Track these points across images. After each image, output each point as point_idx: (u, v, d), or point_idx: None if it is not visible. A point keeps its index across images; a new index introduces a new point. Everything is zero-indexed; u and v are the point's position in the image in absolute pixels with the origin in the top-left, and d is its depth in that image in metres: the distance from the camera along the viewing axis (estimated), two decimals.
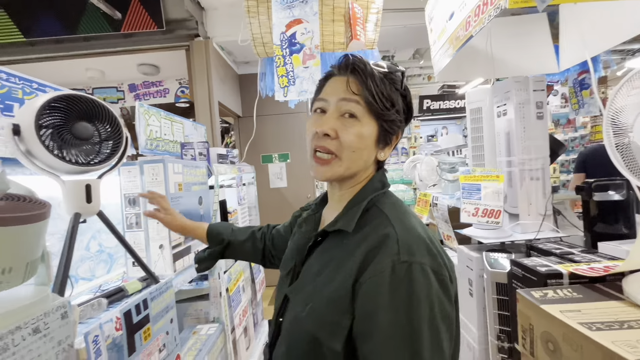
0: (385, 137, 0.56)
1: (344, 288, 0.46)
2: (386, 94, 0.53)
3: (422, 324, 0.41)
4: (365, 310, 0.44)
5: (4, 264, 0.52)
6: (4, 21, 2.47)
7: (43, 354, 0.55)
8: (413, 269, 0.43)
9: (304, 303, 0.50)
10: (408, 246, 0.45)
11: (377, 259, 0.45)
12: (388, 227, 0.48)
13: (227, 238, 0.87)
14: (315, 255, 0.56)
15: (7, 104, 0.92)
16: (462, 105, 4.57)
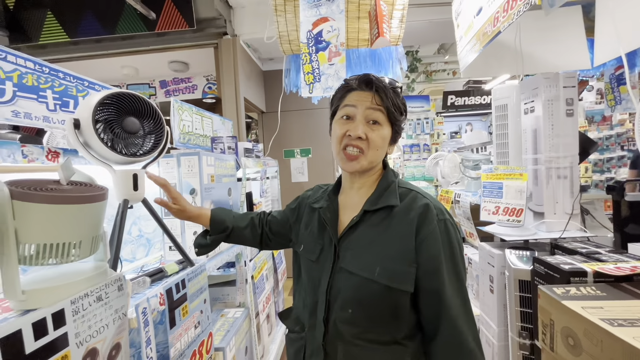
0: (395, 138, 0.73)
1: (408, 246, 0.64)
2: (398, 105, 0.71)
3: (458, 256, 0.65)
4: (431, 255, 0.63)
5: (76, 238, 0.60)
6: (51, 23, 2.66)
7: (104, 318, 0.63)
8: (447, 224, 0.65)
9: (371, 267, 0.64)
10: (440, 210, 0.66)
11: (428, 220, 0.64)
12: (424, 199, 0.67)
13: (231, 225, 0.94)
14: (359, 232, 0.69)
15: (64, 100, 1.02)
16: (488, 101, 4.43)
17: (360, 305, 0.65)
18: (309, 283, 0.73)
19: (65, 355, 0.54)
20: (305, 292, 0.75)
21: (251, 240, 0.97)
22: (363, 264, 0.66)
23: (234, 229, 0.95)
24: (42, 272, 0.65)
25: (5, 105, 0.85)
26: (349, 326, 0.65)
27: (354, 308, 0.65)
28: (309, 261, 0.75)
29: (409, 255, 0.64)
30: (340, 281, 0.68)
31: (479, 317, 1.49)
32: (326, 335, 0.68)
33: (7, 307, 0.59)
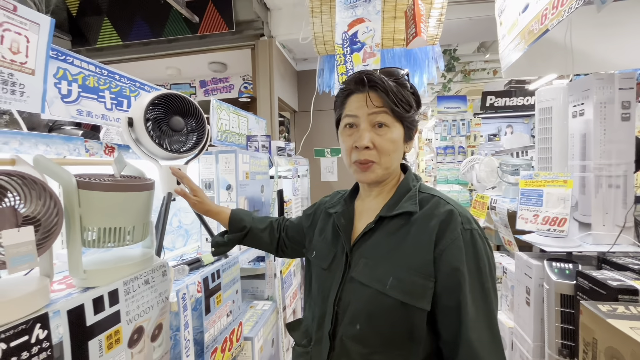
0: (409, 134, 0.66)
1: (427, 255, 0.56)
2: (404, 99, 0.63)
3: (486, 272, 0.56)
4: (451, 268, 0.55)
5: (130, 223, 0.67)
6: (107, 28, 2.92)
7: (149, 301, 0.69)
8: (473, 234, 0.57)
9: (383, 279, 0.58)
10: (466, 218, 0.58)
11: (450, 228, 0.56)
12: (447, 205, 0.60)
13: (249, 225, 0.91)
14: (375, 239, 0.63)
15: (119, 100, 1.12)
16: (532, 102, 4.15)
17: (370, 321, 0.58)
18: (319, 293, 0.68)
19: (117, 330, 0.60)
20: (315, 303, 0.69)
21: (268, 244, 0.93)
22: (376, 274, 0.59)
23: (251, 230, 0.91)
24: (99, 255, 0.73)
25: (71, 105, 0.95)
26: (357, 344, 0.58)
27: (363, 324, 0.58)
28: (320, 269, 0.70)
29: (426, 268, 0.56)
30: (351, 292, 0.62)
31: (512, 330, 1.42)
32: (332, 352, 0.62)
33: (71, 283, 0.67)
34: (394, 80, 0.63)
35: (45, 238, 0.55)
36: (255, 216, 0.96)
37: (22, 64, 0.77)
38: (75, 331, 0.53)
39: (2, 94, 0.72)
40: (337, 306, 0.62)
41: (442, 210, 0.59)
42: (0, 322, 0.46)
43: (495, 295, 0.57)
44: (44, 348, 0.48)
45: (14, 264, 0.50)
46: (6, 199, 0.51)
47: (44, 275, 0.59)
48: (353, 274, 0.62)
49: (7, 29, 0.73)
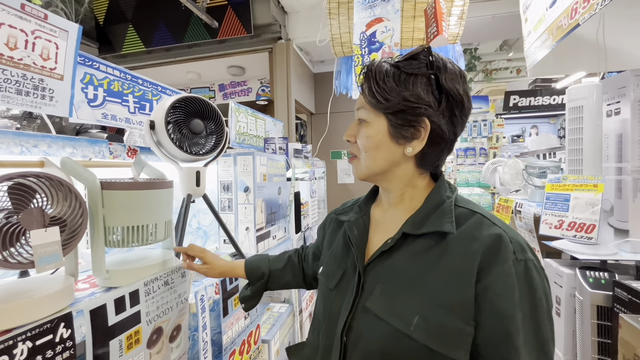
0: (400, 131, 0.51)
1: (466, 291, 0.44)
2: (386, 87, 0.50)
3: (544, 319, 0.44)
4: (499, 311, 0.43)
5: (152, 221, 0.67)
6: (131, 35, 3.03)
7: (169, 301, 0.70)
8: (529, 267, 0.44)
9: (406, 315, 0.46)
10: (518, 244, 0.46)
11: (499, 258, 0.44)
12: (493, 226, 0.47)
13: (266, 270, 0.81)
14: (396, 261, 0.51)
15: (142, 104, 1.15)
16: (559, 101, 3.97)
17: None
18: (324, 317, 0.57)
19: (137, 331, 0.61)
20: (320, 328, 0.58)
21: (294, 281, 0.82)
22: (396, 308, 0.47)
23: (271, 274, 0.81)
24: (121, 255, 0.75)
25: (97, 108, 0.98)
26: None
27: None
28: (326, 288, 0.59)
29: (464, 307, 0.44)
30: (363, 324, 0.50)
31: None
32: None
33: (94, 282, 0.69)
34: (394, 62, 0.52)
35: (71, 238, 0.56)
36: (271, 257, 0.86)
37: (51, 70, 0.80)
38: (97, 331, 0.53)
39: (33, 98, 0.75)
40: (345, 337, 0.51)
41: (488, 233, 0.46)
42: (27, 321, 0.47)
43: (553, 344, 0.44)
44: (67, 347, 0.49)
45: (42, 264, 0.51)
46: (34, 199, 0.53)
47: (69, 274, 0.61)
48: (368, 303, 0.50)
49: (38, 37, 0.76)
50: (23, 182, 0.52)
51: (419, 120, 0.50)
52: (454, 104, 0.50)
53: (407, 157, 0.53)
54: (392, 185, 0.56)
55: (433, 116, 0.50)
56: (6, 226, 0.49)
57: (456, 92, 0.50)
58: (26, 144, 0.68)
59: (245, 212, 1.23)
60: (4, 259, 0.49)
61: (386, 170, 0.55)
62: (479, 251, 0.45)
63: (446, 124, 0.51)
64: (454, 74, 0.50)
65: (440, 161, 0.55)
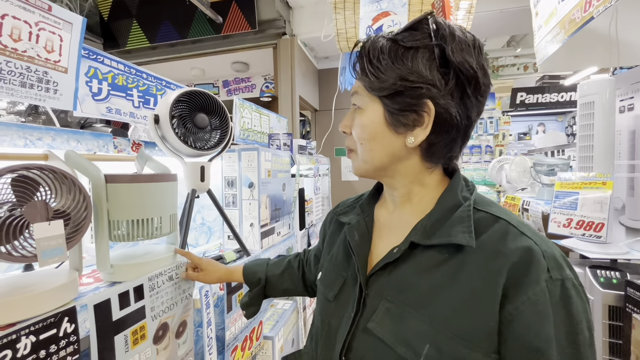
0: (398, 118, 0.43)
1: (486, 319, 0.37)
2: (381, 65, 0.42)
3: (586, 350, 0.36)
4: (528, 344, 0.35)
5: (156, 214, 0.67)
6: (136, 30, 3.02)
7: (173, 297, 0.69)
8: (567, 287, 0.36)
9: (414, 343, 0.39)
10: (555, 260, 0.37)
11: (530, 278, 0.36)
12: (522, 236, 0.39)
13: (263, 275, 0.76)
14: (402, 275, 0.44)
15: (146, 98, 1.14)
16: (567, 98, 3.91)
17: None
18: (322, 330, 0.50)
19: (143, 326, 0.60)
20: (318, 339, 0.51)
21: (294, 287, 0.76)
22: (403, 333, 0.40)
23: (268, 280, 0.76)
24: (125, 250, 0.74)
25: (102, 102, 0.98)
26: None
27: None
28: (324, 298, 0.52)
29: (485, 338, 0.37)
30: (365, 348, 0.43)
31: None
32: None
33: (98, 277, 0.68)
34: (392, 36, 0.43)
35: (75, 232, 0.55)
36: (271, 262, 0.80)
37: (55, 62, 0.79)
38: (101, 326, 0.53)
39: (37, 91, 0.75)
40: (344, 357, 0.45)
41: (515, 246, 0.38)
42: (30, 315, 0.47)
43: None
44: (71, 342, 0.48)
45: (45, 257, 0.50)
46: (38, 192, 0.52)
47: (73, 268, 0.60)
48: (370, 324, 0.43)
49: (42, 28, 0.75)
50: (27, 174, 0.51)
51: (421, 104, 0.41)
52: (465, 81, 0.40)
53: (410, 149, 0.44)
54: (396, 182, 0.48)
55: (438, 97, 0.40)
56: (9, 219, 0.49)
57: (467, 65, 0.40)
58: (30, 136, 0.67)
59: (250, 208, 1.22)
60: (7, 252, 0.48)
61: (386, 166, 0.46)
62: (504, 269, 0.37)
63: (456, 106, 0.41)
64: (464, 43, 0.40)
65: (453, 152, 0.45)
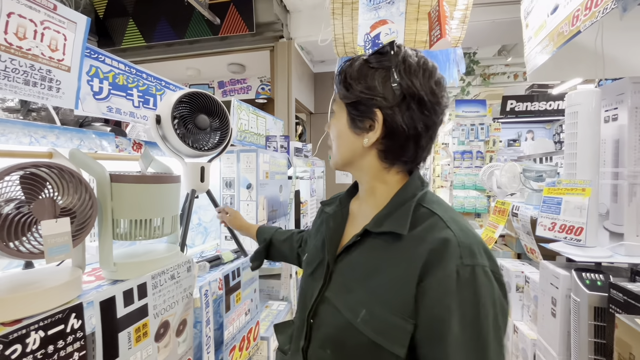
0: (355, 122, 0.53)
1: (406, 292, 0.45)
2: (350, 79, 0.53)
3: (487, 325, 0.42)
4: (434, 314, 0.44)
5: (159, 215, 0.68)
6: (132, 29, 3.00)
7: (175, 295, 0.70)
8: (477, 273, 0.43)
9: (356, 309, 0.49)
10: (469, 249, 0.44)
11: (442, 262, 0.44)
12: (445, 229, 0.47)
13: (269, 237, 0.94)
14: (355, 256, 0.53)
15: (146, 98, 1.15)
16: (555, 107, 4.03)
17: (341, 351, 0.50)
18: (300, 298, 0.62)
19: (145, 324, 0.61)
20: (297, 307, 0.63)
21: (290, 256, 0.91)
22: (349, 301, 0.50)
23: (272, 241, 0.94)
24: (126, 249, 0.74)
25: (102, 102, 0.98)
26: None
27: (333, 352, 0.50)
28: (306, 274, 0.63)
29: (405, 306, 0.45)
30: (324, 312, 0.54)
31: (535, 342, 1.37)
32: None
33: (99, 275, 0.69)
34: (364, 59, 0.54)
35: (80, 230, 0.56)
36: (279, 230, 0.97)
37: (59, 61, 0.79)
38: (106, 323, 0.53)
39: (40, 89, 0.75)
40: (312, 319, 0.55)
41: (436, 237, 0.46)
42: (37, 311, 0.47)
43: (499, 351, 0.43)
44: (78, 338, 0.49)
45: (51, 254, 0.51)
46: (45, 190, 0.53)
47: (76, 266, 0.61)
48: (327, 293, 0.54)
49: (47, 27, 0.76)
50: (35, 172, 0.52)
51: (373, 112, 0.50)
52: (410, 98, 0.49)
53: (367, 148, 0.53)
54: (362, 176, 0.58)
55: (387, 108, 0.50)
56: (17, 216, 0.49)
57: (412, 85, 0.49)
58: (35, 134, 0.68)
59: (248, 209, 1.23)
60: (16, 249, 0.49)
61: (351, 161, 0.57)
62: (424, 254, 0.45)
63: (402, 117, 0.49)
64: (413, 67, 0.50)
65: (407, 157, 0.53)
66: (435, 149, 5.75)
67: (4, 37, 0.67)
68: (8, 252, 0.47)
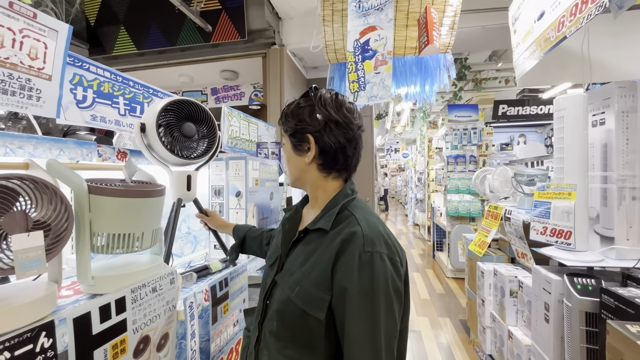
0: (296, 147, 0.70)
1: (325, 271, 0.60)
2: (285, 117, 0.71)
3: (379, 293, 0.57)
4: (341, 286, 0.58)
5: (139, 229, 0.65)
6: (123, 37, 2.99)
7: (156, 309, 0.68)
8: (374, 257, 0.58)
9: (293, 287, 0.63)
10: (371, 240, 0.60)
11: (349, 249, 0.59)
12: (356, 225, 0.62)
13: (243, 235, 1.05)
14: (298, 249, 0.68)
15: (133, 106, 1.13)
16: (545, 111, 4.08)
17: (283, 321, 0.64)
18: (261, 287, 0.76)
19: (123, 340, 0.59)
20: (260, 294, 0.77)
21: (258, 251, 1.03)
22: (291, 281, 0.65)
23: (245, 238, 1.05)
24: (107, 261, 0.72)
25: (86, 110, 0.96)
26: (274, 338, 0.65)
27: (278, 322, 0.64)
28: (266, 265, 0.78)
29: (325, 282, 0.60)
30: (274, 292, 0.68)
31: (530, 348, 1.36)
32: (258, 341, 0.70)
33: (79, 289, 0.66)
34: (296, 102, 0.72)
35: (55, 243, 0.54)
36: (253, 228, 1.08)
37: (39, 70, 0.78)
38: (80, 340, 0.51)
39: (19, 98, 0.73)
40: (268, 301, 0.69)
41: (348, 230, 0.62)
42: (5, 330, 0.45)
43: (391, 318, 0.58)
44: (48, 357, 0.47)
45: (23, 269, 0.49)
46: (17, 202, 0.51)
47: (52, 280, 0.58)
48: (277, 277, 0.68)
49: (26, 35, 0.74)
50: (6, 184, 0.50)
51: (306, 137, 0.67)
52: (329, 121, 0.67)
53: (309, 164, 0.69)
54: (308, 188, 0.74)
55: (315, 133, 0.67)
56: None
57: (328, 114, 0.67)
58: (11, 144, 0.66)
59: (237, 217, 1.21)
60: None
61: (299, 177, 0.73)
62: (339, 243, 0.61)
63: (327, 136, 0.66)
64: (327, 101, 0.68)
65: (340, 165, 0.69)
66: (429, 154, 5.78)
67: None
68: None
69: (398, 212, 11.34)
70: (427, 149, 5.61)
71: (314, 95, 0.69)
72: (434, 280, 3.80)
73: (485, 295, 1.85)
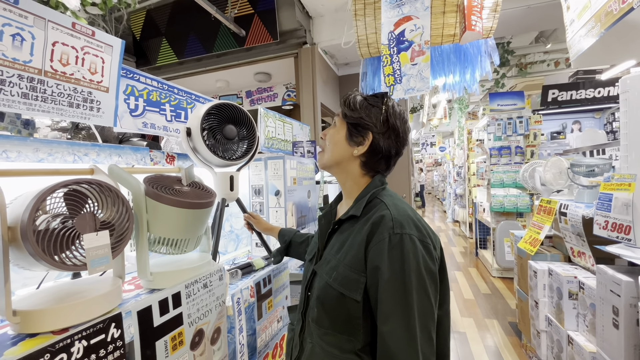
0: (352, 136, 0.73)
1: (359, 254, 0.64)
2: (352, 105, 0.73)
3: (410, 272, 0.59)
4: (373, 265, 0.61)
5: (185, 236, 0.69)
6: (165, 48, 3.20)
7: (208, 304, 0.71)
8: (403, 238, 0.61)
9: (330, 272, 0.67)
10: (400, 222, 0.63)
11: (379, 231, 0.63)
12: (385, 210, 0.66)
13: (289, 239, 1.07)
14: (334, 239, 0.73)
15: (178, 112, 1.20)
16: (604, 94, 3.68)
17: (323, 307, 0.67)
18: (302, 280, 0.79)
19: (180, 332, 0.62)
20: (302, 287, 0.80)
21: (304, 256, 1.02)
22: (328, 268, 0.68)
23: (291, 242, 1.06)
24: (160, 258, 0.77)
25: (138, 118, 1.04)
26: (316, 325, 0.68)
27: (319, 308, 0.67)
28: (306, 261, 0.82)
29: (359, 265, 0.64)
30: (314, 281, 0.72)
31: (595, 356, 1.23)
32: (303, 330, 0.73)
33: (139, 284, 0.72)
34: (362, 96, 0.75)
35: (119, 241, 0.59)
36: (298, 232, 1.10)
37: (98, 83, 0.85)
38: (144, 331, 0.55)
39: (83, 110, 0.81)
40: (309, 292, 0.73)
41: (377, 215, 0.65)
42: (81, 320, 0.50)
43: (424, 297, 0.60)
44: (118, 347, 0.51)
45: (93, 266, 0.54)
46: (87, 205, 0.56)
47: (117, 276, 0.63)
48: (316, 267, 0.72)
49: (87, 52, 0.81)
50: (77, 188, 0.55)
51: (366, 132, 0.72)
52: (392, 131, 0.72)
53: (354, 157, 0.73)
54: (343, 177, 0.77)
55: (375, 133, 0.71)
56: (62, 230, 0.53)
57: (395, 125, 0.72)
58: (78, 152, 0.72)
59: (277, 216, 1.24)
60: (61, 261, 0.52)
61: (339, 162, 0.75)
62: (369, 227, 0.64)
63: (384, 141, 0.71)
64: (397, 114, 0.73)
65: (380, 169, 0.74)
66: (469, 146, 5.48)
67: (50, 65, 0.73)
68: (54, 265, 0.50)
69: (435, 209, 10.92)
70: (467, 142, 5.33)
71: (386, 102, 0.73)
72: (478, 280, 3.60)
73: (538, 296, 1.72)
